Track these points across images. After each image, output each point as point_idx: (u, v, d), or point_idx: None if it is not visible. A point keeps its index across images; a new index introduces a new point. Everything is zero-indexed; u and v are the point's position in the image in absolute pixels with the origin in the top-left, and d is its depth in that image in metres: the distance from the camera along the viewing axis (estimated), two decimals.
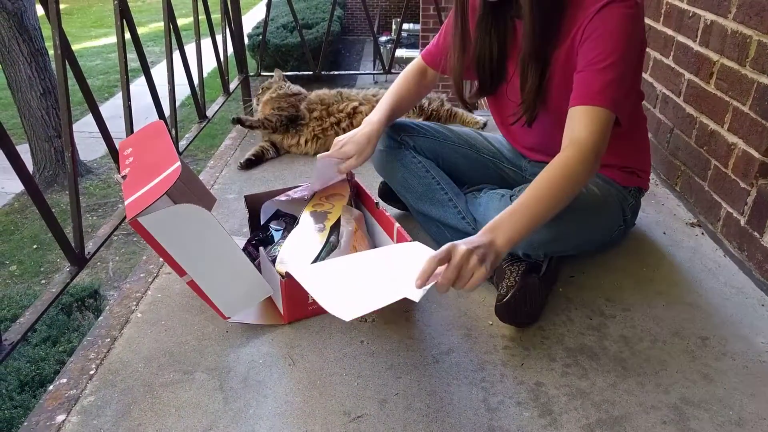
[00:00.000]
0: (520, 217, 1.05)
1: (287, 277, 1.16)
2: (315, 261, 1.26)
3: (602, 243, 1.40)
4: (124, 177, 1.09)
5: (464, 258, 0.96)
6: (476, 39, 1.31)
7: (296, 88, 2.10)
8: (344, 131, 2.00)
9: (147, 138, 1.22)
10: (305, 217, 1.39)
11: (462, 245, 0.98)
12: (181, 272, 1.10)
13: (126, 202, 1.06)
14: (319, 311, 1.24)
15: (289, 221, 1.43)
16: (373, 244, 1.40)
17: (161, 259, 1.44)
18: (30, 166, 5.74)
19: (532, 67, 1.22)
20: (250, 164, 1.95)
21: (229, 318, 1.20)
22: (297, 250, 1.29)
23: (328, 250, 1.30)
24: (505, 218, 1.05)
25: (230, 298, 1.17)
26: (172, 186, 1.04)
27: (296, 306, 1.23)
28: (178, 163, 1.08)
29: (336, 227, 1.35)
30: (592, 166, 1.11)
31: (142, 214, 1.01)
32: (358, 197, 1.51)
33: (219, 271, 1.13)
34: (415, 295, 0.95)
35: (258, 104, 2.10)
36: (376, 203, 1.42)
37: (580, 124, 1.12)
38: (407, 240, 1.27)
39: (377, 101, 2.03)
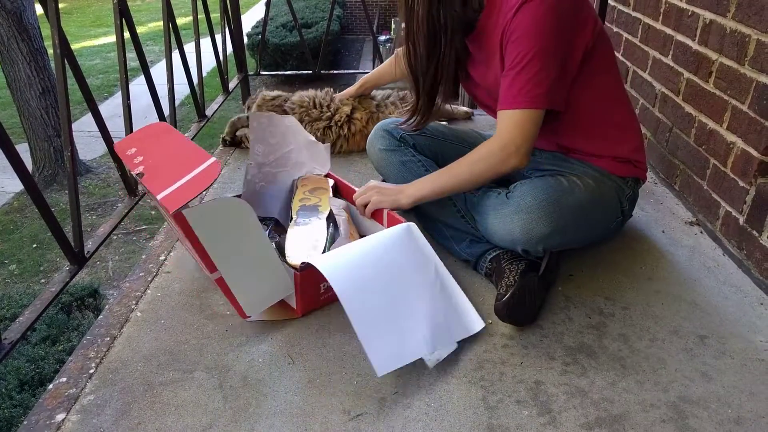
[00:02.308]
0: (431, 181, 1.32)
1: (302, 270, 1.18)
2: (323, 253, 1.28)
3: (601, 236, 1.41)
4: (140, 174, 1.09)
5: (367, 188, 1.37)
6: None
7: (275, 92, 2.09)
8: (346, 138, 1.99)
9: (152, 137, 1.22)
10: (298, 213, 1.40)
11: (375, 183, 1.38)
12: (212, 268, 1.10)
13: (159, 196, 1.05)
14: (331, 299, 1.26)
15: (271, 224, 1.44)
16: (360, 232, 1.43)
17: (161, 258, 1.44)
18: (29, 166, 5.74)
19: (415, 94, 1.39)
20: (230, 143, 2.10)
21: (249, 317, 1.21)
22: (303, 244, 1.30)
23: (330, 241, 1.33)
24: (422, 179, 1.34)
25: (254, 297, 1.18)
26: (214, 180, 1.06)
27: (310, 298, 1.25)
28: (215, 159, 1.09)
29: (330, 218, 1.38)
30: (512, 158, 1.23)
31: (185, 208, 1.01)
32: (337, 190, 1.55)
33: (248, 268, 1.14)
34: (431, 360, 1.13)
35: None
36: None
37: (503, 126, 1.24)
38: (400, 221, 1.30)
39: (376, 105, 2.03)
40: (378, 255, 1.17)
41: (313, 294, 1.24)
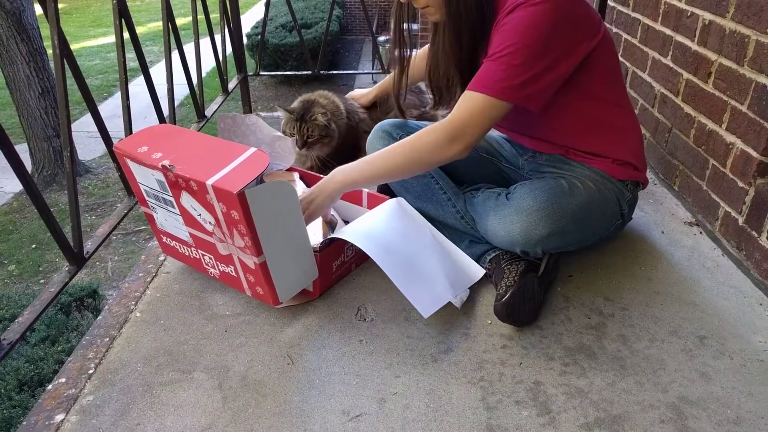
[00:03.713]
0: (362, 167, 1.25)
1: (321, 250, 1.25)
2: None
3: (600, 238, 1.41)
4: (172, 166, 1.10)
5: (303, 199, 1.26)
6: (428, 55, 1.43)
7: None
8: None
9: (162, 136, 1.22)
10: None
11: (301, 196, 1.25)
12: (258, 252, 1.11)
13: (210, 181, 1.06)
14: (341, 276, 1.36)
15: None
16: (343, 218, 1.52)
17: (160, 258, 1.44)
18: (29, 166, 5.74)
19: (459, 78, 1.35)
20: None
21: (281, 304, 1.23)
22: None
23: (330, 228, 1.39)
24: (353, 165, 1.26)
25: (289, 282, 1.21)
26: (267, 167, 1.09)
27: (326, 278, 1.31)
28: (256, 149, 1.12)
29: None
30: (457, 144, 1.19)
31: (246, 188, 1.03)
32: (307, 184, 1.59)
33: (287, 252, 1.17)
34: (456, 302, 1.25)
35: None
36: None
37: (460, 107, 1.20)
38: (382, 199, 1.37)
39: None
40: (385, 225, 1.28)
41: (328, 274, 1.31)
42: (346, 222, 1.40)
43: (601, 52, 1.25)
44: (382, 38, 9.44)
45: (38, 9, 5.51)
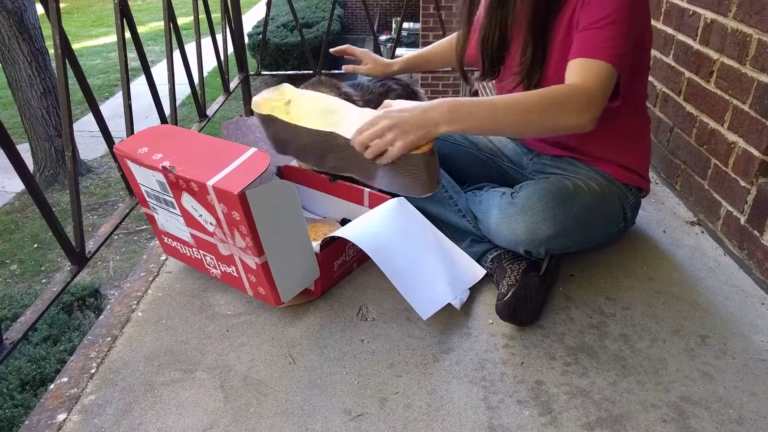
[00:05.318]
0: (486, 112, 1.07)
1: (322, 249, 1.24)
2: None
3: (602, 241, 1.41)
4: (172, 167, 1.10)
5: (380, 126, 1.06)
6: (483, 22, 1.36)
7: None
8: None
9: (162, 137, 1.22)
10: None
11: (387, 113, 1.06)
12: (259, 252, 1.11)
13: (211, 182, 1.06)
14: (342, 275, 1.36)
15: None
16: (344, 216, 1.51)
17: (162, 258, 1.44)
18: (30, 166, 5.74)
19: (531, 41, 1.25)
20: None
21: (282, 304, 1.23)
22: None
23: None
24: (470, 106, 1.06)
25: (290, 282, 1.21)
26: (268, 167, 1.09)
27: (327, 277, 1.30)
28: (256, 149, 1.13)
29: None
30: (592, 110, 1.09)
31: (248, 188, 1.03)
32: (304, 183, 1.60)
33: (289, 252, 1.16)
34: (456, 303, 1.24)
35: None
36: (332, 178, 1.48)
37: (579, 74, 1.12)
38: (384, 199, 1.37)
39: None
40: (385, 224, 1.28)
41: (329, 273, 1.31)
42: (348, 221, 1.40)
43: (644, 54, 1.25)
44: (383, 37, 9.44)
45: (40, 9, 5.52)
